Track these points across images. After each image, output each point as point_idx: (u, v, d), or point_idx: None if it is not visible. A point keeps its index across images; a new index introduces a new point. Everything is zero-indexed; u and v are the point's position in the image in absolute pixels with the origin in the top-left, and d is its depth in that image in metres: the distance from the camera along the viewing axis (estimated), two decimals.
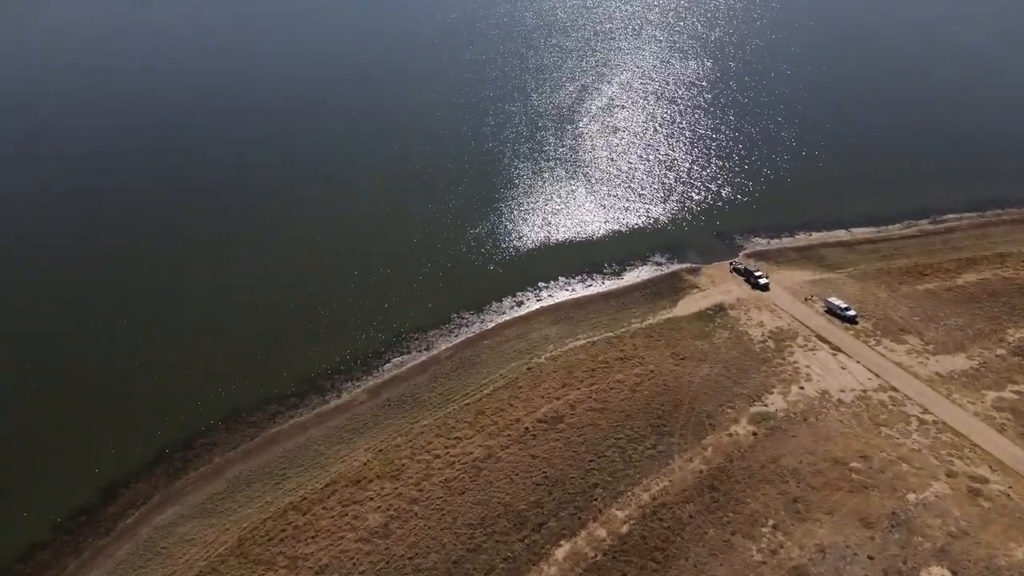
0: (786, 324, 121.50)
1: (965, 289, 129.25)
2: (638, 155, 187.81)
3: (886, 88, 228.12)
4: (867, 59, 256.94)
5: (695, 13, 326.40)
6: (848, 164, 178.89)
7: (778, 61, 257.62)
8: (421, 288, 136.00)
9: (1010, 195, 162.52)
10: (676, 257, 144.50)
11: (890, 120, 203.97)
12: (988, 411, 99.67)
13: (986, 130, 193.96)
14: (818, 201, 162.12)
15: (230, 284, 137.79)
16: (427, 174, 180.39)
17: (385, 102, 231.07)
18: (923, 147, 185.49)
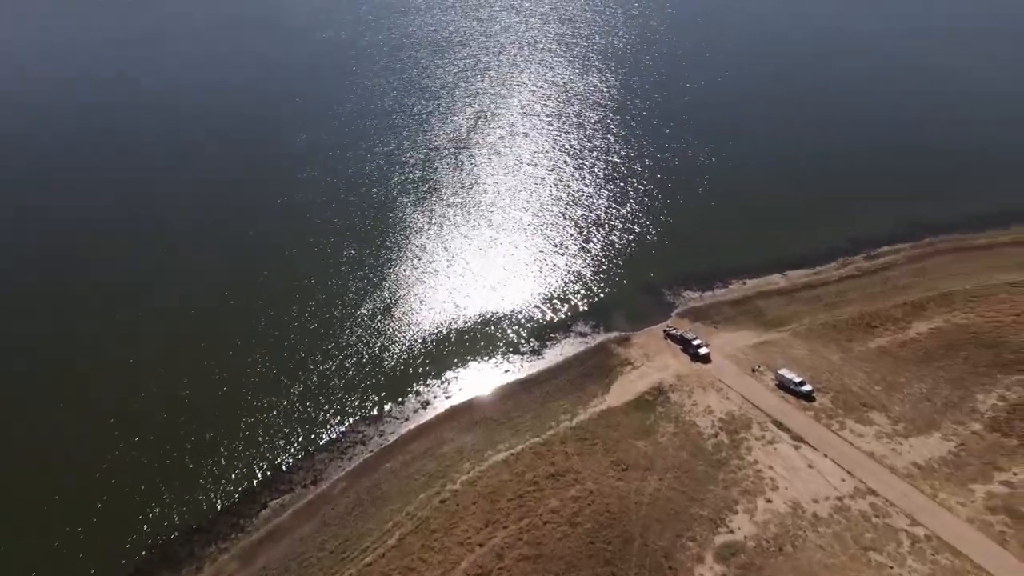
0: (737, 408, 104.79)
1: (920, 343, 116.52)
2: (548, 194, 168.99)
3: (799, 102, 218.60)
4: (776, 67, 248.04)
5: (593, 23, 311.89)
6: (772, 193, 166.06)
7: (682, 72, 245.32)
8: (301, 393, 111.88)
9: (937, 219, 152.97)
10: (602, 324, 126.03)
11: (811, 144, 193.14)
12: (982, 514, 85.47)
13: (908, 152, 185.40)
14: (747, 239, 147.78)
15: (43, 411, 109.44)
16: (300, 239, 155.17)
17: (249, 147, 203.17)
18: (846, 173, 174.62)
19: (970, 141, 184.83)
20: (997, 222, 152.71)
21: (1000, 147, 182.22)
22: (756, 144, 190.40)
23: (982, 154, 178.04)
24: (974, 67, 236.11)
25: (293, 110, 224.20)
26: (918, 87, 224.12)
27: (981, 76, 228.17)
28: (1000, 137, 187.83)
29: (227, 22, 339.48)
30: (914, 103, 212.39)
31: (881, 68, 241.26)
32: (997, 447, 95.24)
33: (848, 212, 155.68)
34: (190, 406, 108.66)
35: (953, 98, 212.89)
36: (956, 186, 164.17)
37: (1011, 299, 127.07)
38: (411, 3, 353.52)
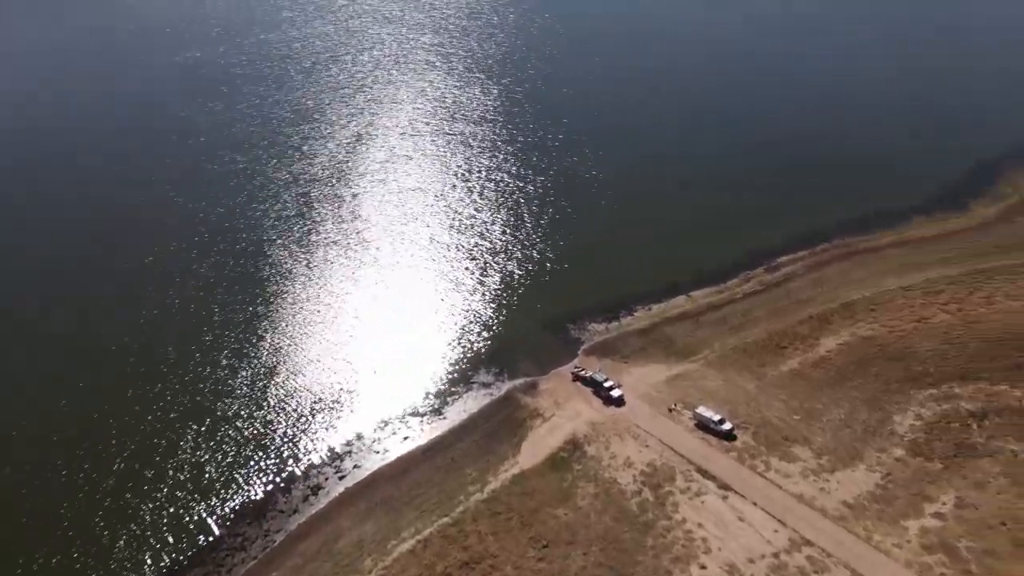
0: (658, 456, 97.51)
1: (831, 362, 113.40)
2: (438, 223, 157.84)
3: (683, 113, 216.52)
4: (664, 72, 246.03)
5: (470, 31, 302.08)
6: (669, 208, 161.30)
7: (567, 80, 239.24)
8: (168, 491, 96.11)
9: (829, 224, 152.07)
10: (506, 370, 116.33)
11: (704, 154, 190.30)
12: (919, 555, 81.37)
13: (794, 159, 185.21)
14: (648, 259, 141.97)
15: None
16: (157, 302, 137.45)
17: (87, 191, 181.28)
18: (739, 183, 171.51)
19: (849, 145, 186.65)
20: (881, 222, 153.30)
21: (874, 148, 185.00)
22: (648, 157, 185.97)
23: (861, 157, 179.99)
24: (851, 74, 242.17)
25: (142, 144, 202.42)
26: (800, 96, 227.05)
27: (858, 82, 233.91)
28: (874, 139, 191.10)
29: (56, 45, 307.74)
30: (796, 111, 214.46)
31: (764, 78, 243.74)
32: (922, 473, 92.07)
33: (745, 223, 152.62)
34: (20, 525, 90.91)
35: (830, 105, 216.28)
36: (842, 189, 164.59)
37: (908, 304, 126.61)
38: (273, 18, 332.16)
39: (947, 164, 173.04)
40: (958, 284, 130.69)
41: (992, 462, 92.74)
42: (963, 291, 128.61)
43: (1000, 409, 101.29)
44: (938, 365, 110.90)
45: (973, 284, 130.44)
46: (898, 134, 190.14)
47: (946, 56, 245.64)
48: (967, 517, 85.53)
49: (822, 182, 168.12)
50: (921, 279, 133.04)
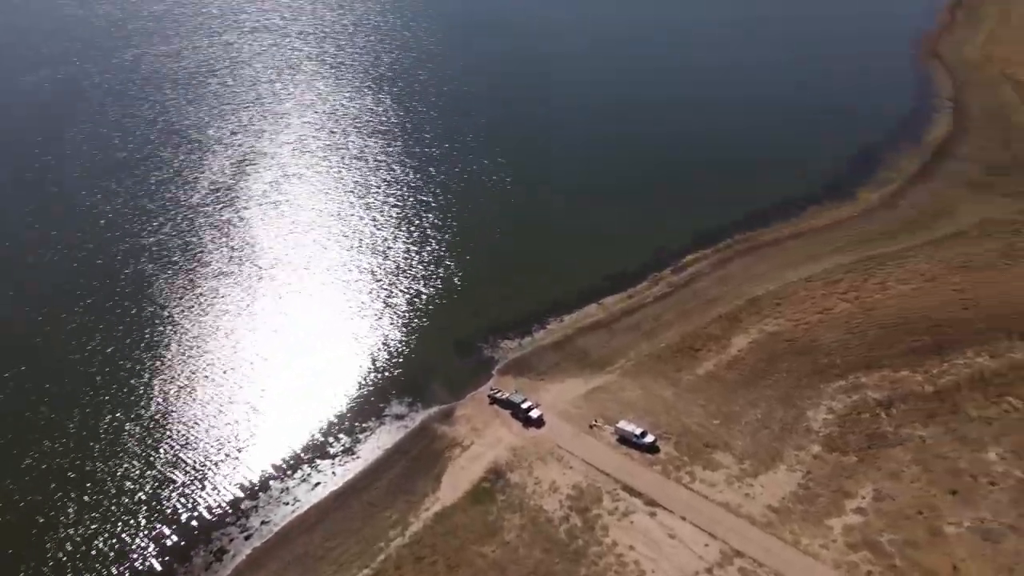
0: (582, 477, 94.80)
1: (743, 362, 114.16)
2: (337, 244, 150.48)
3: (579, 116, 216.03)
4: (554, 72, 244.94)
5: (357, 39, 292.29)
6: (573, 212, 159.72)
7: (462, 85, 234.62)
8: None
9: (729, 219, 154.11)
10: (419, 399, 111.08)
11: (602, 154, 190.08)
12: (846, 555, 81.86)
13: (687, 155, 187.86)
14: (556, 267, 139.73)
15: None
16: (23, 352, 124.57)
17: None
18: (639, 183, 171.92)
19: (739, 141, 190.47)
20: (778, 215, 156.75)
21: (764, 142, 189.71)
22: (546, 162, 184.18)
23: (752, 151, 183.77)
24: (736, 70, 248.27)
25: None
26: (688, 94, 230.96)
27: (743, 78, 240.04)
28: (763, 133, 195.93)
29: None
30: (685, 110, 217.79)
31: (655, 77, 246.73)
32: (839, 469, 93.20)
33: (648, 225, 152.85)
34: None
35: (718, 102, 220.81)
36: (738, 184, 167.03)
37: (810, 296, 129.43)
38: (136, 29, 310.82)
39: (833, 153, 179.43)
40: (854, 272, 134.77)
41: (903, 450, 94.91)
42: (859, 279, 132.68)
43: (905, 395, 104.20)
44: (843, 356, 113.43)
45: (867, 271, 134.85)
46: (785, 127, 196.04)
47: (821, 47, 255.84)
48: (886, 510, 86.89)
49: (718, 178, 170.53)
50: (820, 269, 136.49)
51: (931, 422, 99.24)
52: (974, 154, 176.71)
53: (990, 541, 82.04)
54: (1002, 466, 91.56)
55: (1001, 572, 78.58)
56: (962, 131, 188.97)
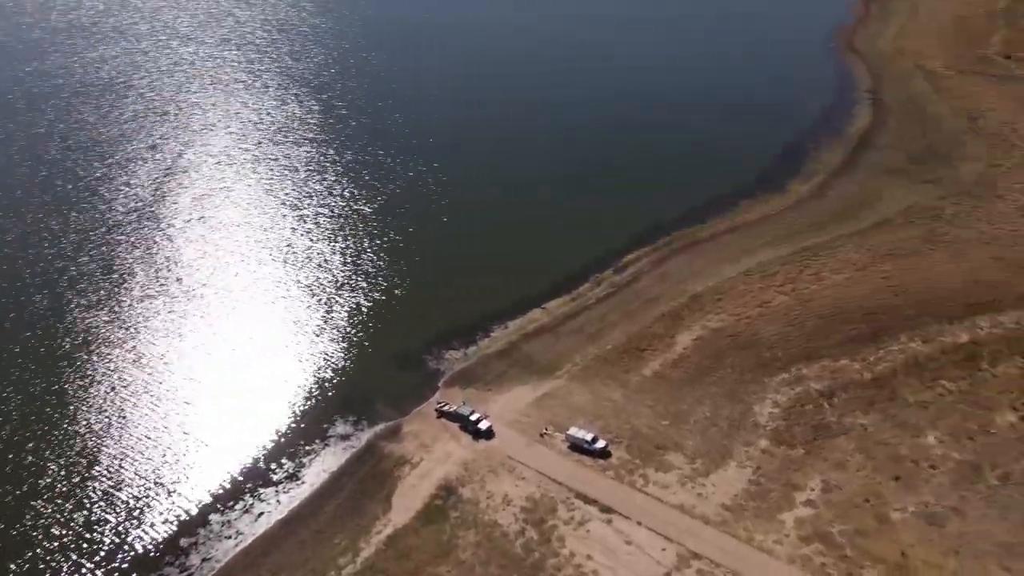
0: (536, 488, 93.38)
1: (689, 360, 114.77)
2: (270, 258, 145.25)
3: (509, 118, 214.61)
4: (478, 74, 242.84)
5: (280, 45, 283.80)
6: (509, 215, 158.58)
7: (389, 90, 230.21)
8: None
9: (666, 216, 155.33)
10: (365, 417, 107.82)
11: (532, 155, 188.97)
12: (799, 548, 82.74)
13: (622, 154, 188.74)
14: (497, 273, 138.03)
15: None
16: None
17: None
18: (574, 183, 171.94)
19: (671, 138, 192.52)
20: (713, 210, 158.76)
21: (695, 138, 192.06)
22: (482, 163, 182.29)
23: (684, 148, 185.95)
24: (666, 67, 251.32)
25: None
26: (619, 89, 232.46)
27: (670, 75, 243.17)
28: (693, 130, 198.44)
29: None
30: (616, 108, 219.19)
31: (585, 74, 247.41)
32: (788, 462, 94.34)
33: (586, 226, 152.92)
34: None
35: (648, 100, 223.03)
36: (672, 181, 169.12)
37: (749, 290, 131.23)
38: (41, 40, 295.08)
39: (762, 147, 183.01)
40: (789, 264, 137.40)
41: (847, 439, 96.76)
42: (794, 270, 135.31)
43: (845, 384, 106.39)
44: (784, 348, 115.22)
45: (801, 262, 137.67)
46: (713, 123, 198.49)
47: (743, 45, 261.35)
48: (834, 500, 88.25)
49: (652, 176, 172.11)
50: (756, 263, 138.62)
51: (871, 409, 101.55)
52: (894, 143, 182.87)
53: (935, 525, 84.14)
54: (940, 449, 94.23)
55: (947, 555, 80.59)
56: (881, 122, 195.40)
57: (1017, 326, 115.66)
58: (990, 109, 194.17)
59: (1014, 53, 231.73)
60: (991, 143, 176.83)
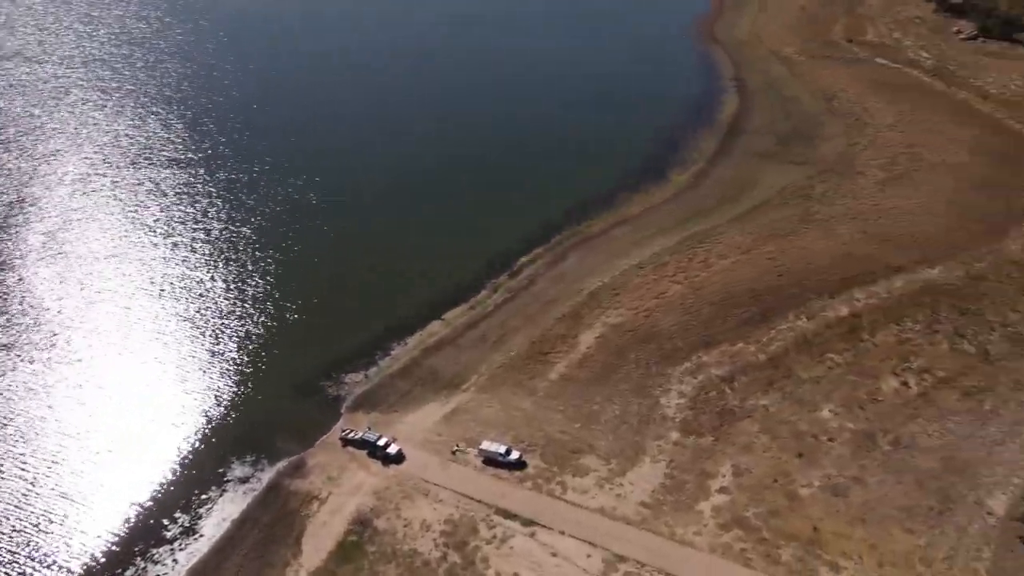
0: (454, 510, 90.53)
1: (593, 359, 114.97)
2: (144, 293, 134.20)
3: (380, 123, 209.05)
4: (353, 86, 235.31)
5: (132, 60, 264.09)
6: (397, 223, 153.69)
7: (259, 103, 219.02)
8: None
9: (555, 215, 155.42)
10: (263, 455, 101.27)
11: (413, 161, 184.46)
12: (718, 536, 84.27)
13: (502, 154, 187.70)
14: (390, 287, 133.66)
15: None
16: None
17: None
18: (455, 189, 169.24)
19: (547, 134, 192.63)
20: (600, 205, 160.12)
21: (573, 133, 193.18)
22: (361, 173, 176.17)
23: (563, 143, 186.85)
24: (539, 63, 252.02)
25: None
26: (489, 89, 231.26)
27: (541, 72, 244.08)
28: (569, 124, 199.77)
29: None
30: (487, 106, 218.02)
31: (452, 70, 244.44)
32: (699, 452, 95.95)
33: (476, 231, 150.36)
34: None
35: (523, 96, 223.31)
36: (555, 179, 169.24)
37: (644, 282, 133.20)
38: None
39: (639, 139, 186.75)
40: (678, 253, 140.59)
41: (751, 422, 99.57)
42: (684, 259, 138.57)
43: (744, 368, 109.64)
44: (683, 338, 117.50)
45: (689, 250, 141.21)
46: (589, 118, 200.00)
47: (608, 38, 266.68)
48: (746, 484, 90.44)
49: (536, 176, 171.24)
50: (648, 254, 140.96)
51: (770, 390, 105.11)
52: (762, 128, 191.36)
53: (840, 496, 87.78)
54: (836, 422, 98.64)
55: (854, 524, 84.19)
56: (748, 107, 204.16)
57: (889, 295, 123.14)
58: (842, 90, 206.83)
59: (855, 37, 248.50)
60: (847, 122, 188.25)
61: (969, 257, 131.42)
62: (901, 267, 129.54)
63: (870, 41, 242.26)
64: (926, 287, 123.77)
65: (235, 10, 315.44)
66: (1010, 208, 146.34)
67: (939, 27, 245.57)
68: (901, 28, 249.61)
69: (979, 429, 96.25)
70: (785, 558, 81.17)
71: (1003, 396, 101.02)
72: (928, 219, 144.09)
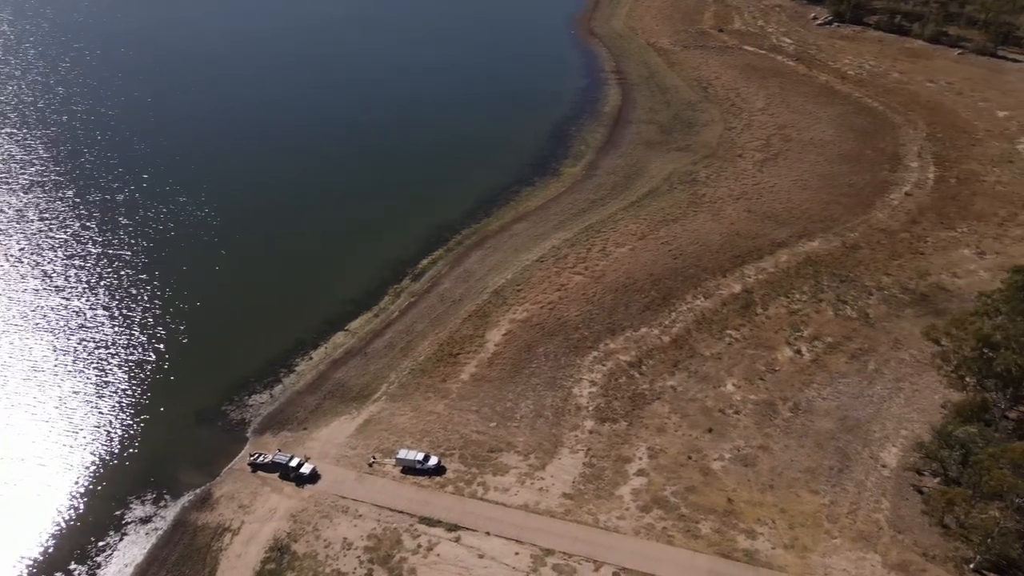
0: (376, 524, 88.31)
1: (503, 356, 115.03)
2: (16, 329, 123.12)
3: (243, 133, 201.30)
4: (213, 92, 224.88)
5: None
6: (288, 236, 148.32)
7: (117, 111, 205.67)
8: None
9: (453, 215, 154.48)
10: (166, 490, 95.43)
11: (301, 171, 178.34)
12: (640, 518, 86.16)
13: (391, 157, 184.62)
14: (288, 302, 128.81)
15: None
16: None
17: None
18: (349, 194, 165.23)
19: (439, 134, 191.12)
20: (498, 201, 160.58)
21: (462, 131, 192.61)
22: (246, 183, 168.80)
23: (456, 143, 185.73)
24: (420, 64, 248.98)
25: None
26: (372, 90, 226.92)
27: (428, 71, 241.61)
28: (458, 122, 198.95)
29: None
30: (373, 107, 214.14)
31: (340, 77, 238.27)
32: (614, 437, 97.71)
33: (372, 235, 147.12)
34: None
35: (407, 97, 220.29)
36: (450, 178, 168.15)
37: (546, 276, 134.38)
38: None
39: (529, 135, 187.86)
40: (577, 244, 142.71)
41: (661, 403, 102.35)
42: (583, 250, 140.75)
43: (649, 351, 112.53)
44: (589, 327, 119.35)
45: (588, 241, 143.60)
46: (478, 116, 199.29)
47: (489, 36, 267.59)
48: (662, 464, 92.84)
49: (429, 176, 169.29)
50: (548, 248, 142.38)
51: (676, 370, 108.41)
52: (646, 117, 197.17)
53: (749, 466, 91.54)
54: (739, 394, 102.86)
55: (764, 491, 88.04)
56: (631, 98, 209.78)
57: (776, 269, 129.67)
58: (716, 78, 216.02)
59: (724, 26, 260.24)
60: (723, 108, 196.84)
61: (843, 228, 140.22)
62: (784, 242, 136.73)
63: (738, 30, 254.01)
64: (808, 259, 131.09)
65: (89, 19, 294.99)
66: (874, 179, 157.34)
67: (798, 14, 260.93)
68: (764, 16, 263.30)
69: (867, 388, 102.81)
70: (705, 531, 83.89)
71: (885, 356, 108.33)
72: (804, 194, 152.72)
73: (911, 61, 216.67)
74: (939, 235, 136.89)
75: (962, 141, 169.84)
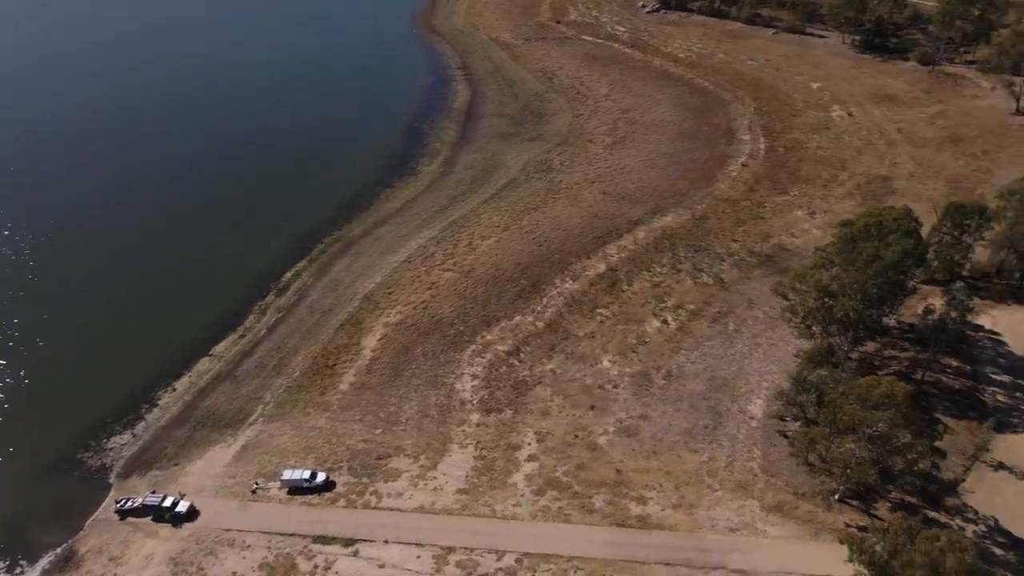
0: (267, 552, 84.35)
1: (381, 361, 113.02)
2: None
3: (108, 154, 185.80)
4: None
5: None
6: (124, 262, 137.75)
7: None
8: None
9: (312, 224, 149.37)
10: (22, 554, 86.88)
11: (142, 187, 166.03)
12: (536, 502, 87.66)
13: (234, 170, 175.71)
14: (143, 334, 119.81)
15: None
16: None
17: None
18: (187, 207, 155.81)
19: (289, 142, 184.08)
20: (358, 206, 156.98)
21: (312, 138, 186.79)
22: (84, 210, 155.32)
23: (306, 149, 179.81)
24: (266, 67, 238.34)
25: None
26: (214, 99, 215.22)
27: (272, 75, 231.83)
28: (306, 129, 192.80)
29: None
30: (217, 116, 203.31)
31: (169, 84, 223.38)
32: (501, 427, 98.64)
33: (226, 252, 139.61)
34: None
35: (249, 102, 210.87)
36: (305, 186, 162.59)
37: (415, 275, 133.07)
38: None
39: (382, 136, 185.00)
40: (443, 241, 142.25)
41: (543, 387, 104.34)
42: (449, 246, 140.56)
43: (526, 338, 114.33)
44: (464, 322, 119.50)
45: (453, 237, 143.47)
46: (325, 121, 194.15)
47: (328, 36, 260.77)
48: (550, 446, 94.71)
49: (282, 186, 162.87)
50: (415, 247, 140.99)
51: (553, 353, 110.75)
52: (496, 110, 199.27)
53: (632, 436, 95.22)
54: (616, 369, 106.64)
55: (649, 457, 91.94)
56: (479, 93, 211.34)
57: (636, 246, 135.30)
58: (559, 68, 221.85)
59: (561, 18, 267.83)
60: (569, 97, 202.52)
61: (691, 201, 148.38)
62: (640, 219, 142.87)
63: (574, 20, 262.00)
64: (664, 234, 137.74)
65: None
66: (713, 154, 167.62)
67: (628, 3, 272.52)
68: (597, 6, 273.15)
69: (729, 348, 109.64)
70: (598, 505, 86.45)
71: (741, 316, 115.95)
72: (653, 173, 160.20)
73: (733, 42, 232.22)
74: (775, 200, 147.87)
75: (785, 113, 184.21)
